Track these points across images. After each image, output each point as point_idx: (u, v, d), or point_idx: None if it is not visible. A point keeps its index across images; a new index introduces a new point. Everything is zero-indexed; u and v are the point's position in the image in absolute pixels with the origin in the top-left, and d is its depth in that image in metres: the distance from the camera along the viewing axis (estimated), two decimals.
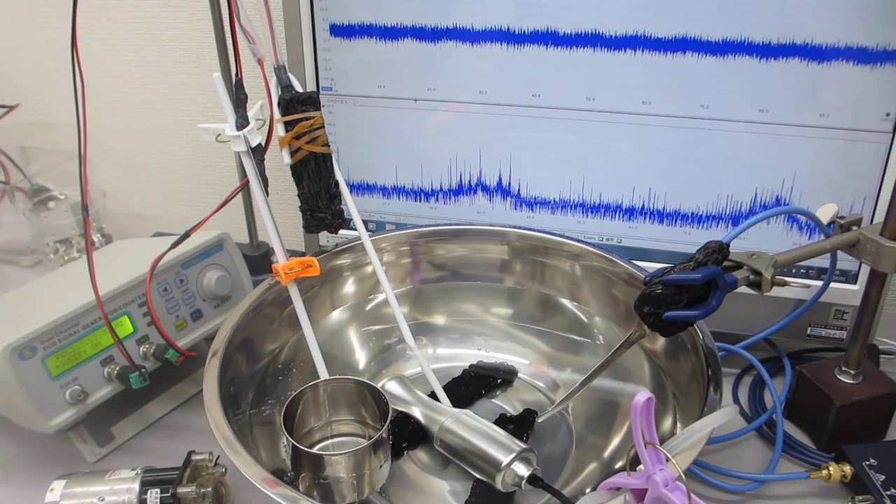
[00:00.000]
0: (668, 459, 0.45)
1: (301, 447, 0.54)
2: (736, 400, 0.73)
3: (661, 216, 0.74)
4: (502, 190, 0.78)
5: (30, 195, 1.03)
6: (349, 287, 0.73)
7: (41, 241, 1.01)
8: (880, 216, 0.63)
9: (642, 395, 0.43)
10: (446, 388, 0.66)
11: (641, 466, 0.45)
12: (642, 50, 0.68)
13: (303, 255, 0.64)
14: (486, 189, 0.78)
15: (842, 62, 0.64)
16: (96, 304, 0.62)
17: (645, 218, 0.74)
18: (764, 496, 0.62)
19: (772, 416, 0.68)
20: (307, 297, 0.65)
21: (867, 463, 0.59)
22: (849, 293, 0.71)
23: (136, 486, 0.57)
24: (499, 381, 0.70)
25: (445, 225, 0.75)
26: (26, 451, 0.68)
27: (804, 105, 0.66)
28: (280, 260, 0.62)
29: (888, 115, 0.65)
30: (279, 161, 0.63)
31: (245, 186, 0.65)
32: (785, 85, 0.66)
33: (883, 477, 0.58)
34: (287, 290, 0.63)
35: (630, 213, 0.75)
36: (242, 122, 0.59)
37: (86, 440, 0.66)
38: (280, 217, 1.02)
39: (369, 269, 0.73)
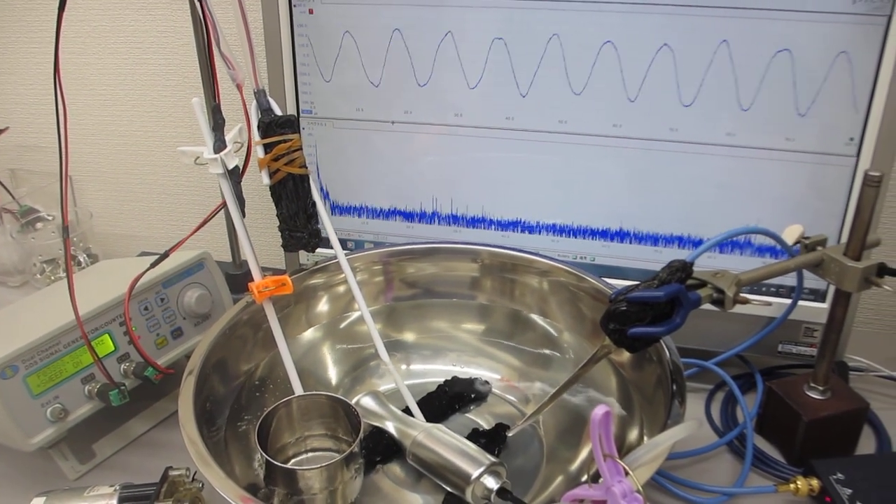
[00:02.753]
0: (627, 473, 0.46)
1: (274, 462, 0.55)
2: (708, 415, 0.73)
3: (632, 236, 0.75)
4: (477, 209, 0.78)
5: (18, 217, 1.03)
6: (323, 306, 0.74)
7: (28, 261, 1.02)
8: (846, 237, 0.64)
9: (600, 408, 0.44)
10: (421, 403, 0.67)
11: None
12: (611, 72, 0.69)
13: (283, 272, 0.65)
14: (461, 208, 0.79)
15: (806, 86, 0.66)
16: (76, 323, 0.62)
17: (617, 237, 0.75)
18: None
19: (743, 431, 0.69)
20: (282, 316, 0.66)
21: (835, 477, 0.59)
22: (818, 311, 0.72)
23: (114, 502, 0.57)
24: (472, 395, 0.71)
25: (417, 243, 0.76)
26: (8, 469, 0.68)
27: (770, 129, 0.68)
28: (255, 279, 0.63)
29: (852, 139, 0.66)
30: (261, 182, 0.64)
31: (225, 207, 0.66)
32: (751, 109, 0.67)
33: (850, 491, 0.58)
34: (263, 310, 0.64)
35: (603, 232, 0.76)
36: (220, 145, 0.60)
37: (67, 458, 0.66)
38: (262, 236, 1.03)
39: (342, 287, 0.73)
